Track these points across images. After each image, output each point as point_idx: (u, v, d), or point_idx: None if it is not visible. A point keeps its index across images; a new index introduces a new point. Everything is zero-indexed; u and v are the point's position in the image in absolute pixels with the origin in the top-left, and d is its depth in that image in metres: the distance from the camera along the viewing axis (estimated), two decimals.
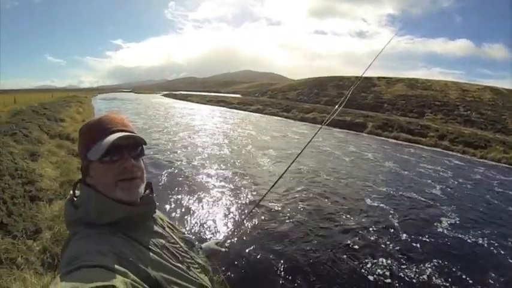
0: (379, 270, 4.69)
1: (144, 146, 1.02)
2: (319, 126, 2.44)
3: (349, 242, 5.46)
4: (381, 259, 4.96)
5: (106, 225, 0.87)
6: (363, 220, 6.42)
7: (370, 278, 4.53)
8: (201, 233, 5.63)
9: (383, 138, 19.55)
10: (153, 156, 11.23)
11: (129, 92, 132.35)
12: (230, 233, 2.14)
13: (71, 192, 0.97)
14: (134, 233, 0.90)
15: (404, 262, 4.95)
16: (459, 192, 9.02)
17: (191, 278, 0.98)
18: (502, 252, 5.58)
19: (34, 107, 18.20)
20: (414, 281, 4.52)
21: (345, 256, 5.02)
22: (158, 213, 1.12)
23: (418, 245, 5.52)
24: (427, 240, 5.74)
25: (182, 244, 1.09)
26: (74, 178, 6.38)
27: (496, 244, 5.83)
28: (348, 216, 6.58)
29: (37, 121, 12.46)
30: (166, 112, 31.99)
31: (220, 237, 5.56)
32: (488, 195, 8.93)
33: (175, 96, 68.74)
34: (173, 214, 6.33)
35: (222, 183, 8.48)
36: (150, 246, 0.91)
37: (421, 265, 4.89)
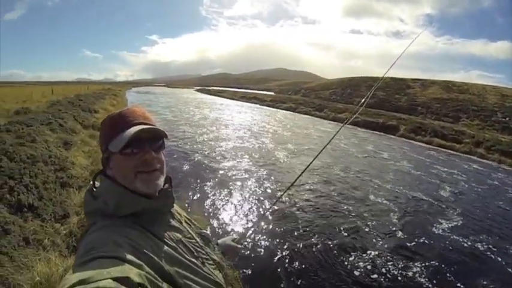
0: (383, 270, 4.65)
1: (165, 139, 1.03)
2: (348, 126, 2.42)
3: (367, 246, 5.37)
4: (383, 258, 4.89)
5: (123, 217, 0.88)
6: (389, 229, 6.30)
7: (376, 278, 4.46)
8: (217, 227, 5.73)
9: (415, 142, 18.78)
10: (178, 146, 11.94)
11: (163, 86, 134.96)
12: (247, 229, 2.14)
13: (91, 183, 0.98)
14: (151, 226, 0.91)
15: (403, 262, 4.92)
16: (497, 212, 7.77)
17: (205, 274, 0.98)
18: (499, 259, 5.42)
19: (70, 99, 18.93)
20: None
21: (350, 256, 4.97)
22: (176, 208, 1.13)
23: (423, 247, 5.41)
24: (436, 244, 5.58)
25: (198, 239, 1.09)
26: None
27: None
28: (367, 220, 6.45)
29: (72, 112, 13.05)
30: (197, 106, 32.66)
31: (238, 229, 5.66)
32: None
33: (208, 92, 69.83)
34: (190, 201, 6.63)
35: (241, 176, 8.68)
36: (166, 240, 0.91)
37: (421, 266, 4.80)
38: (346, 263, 4.85)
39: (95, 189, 0.96)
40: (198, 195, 7.08)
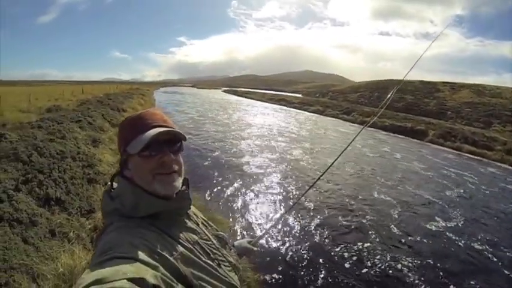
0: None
1: (183, 142, 1.04)
2: (373, 129, 2.37)
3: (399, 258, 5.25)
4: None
5: (140, 218, 0.89)
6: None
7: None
8: (233, 225, 5.79)
9: (444, 148, 18.03)
10: (199, 143, 12.56)
11: (191, 86, 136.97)
12: (264, 231, 2.15)
13: (109, 183, 1.00)
14: (167, 228, 0.91)
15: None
16: None
17: (220, 276, 0.97)
18: (495, 259, 5.39)
19: (99, 97, 19.54)
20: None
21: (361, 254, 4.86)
22: (193, 209, 1.13)
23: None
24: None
25: (215, 241, 1.09)
26: None
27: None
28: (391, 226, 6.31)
29: (101, 110, 13.50)
30: (222, 106, 33.22)
31: (255, 228, 5.70)
32: None
33: (235, 93, 70.60)
34: (209, 195, 6.96)
35: (259, 173, 8.94)
36: (182, 242, 0.91)
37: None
38: (353, 265, 4.78)
39: (112, 190, 0.97)
40: (216, 190, 7.37)
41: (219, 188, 7.53)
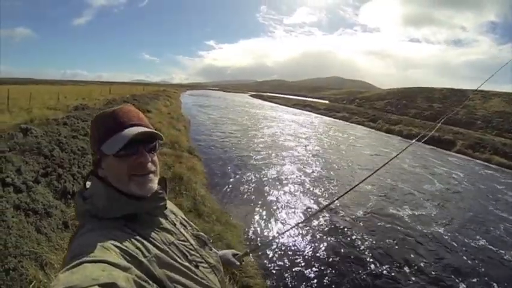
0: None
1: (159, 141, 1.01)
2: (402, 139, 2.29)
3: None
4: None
5: (113, 219, 0.86)
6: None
7: None
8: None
9: (472, 159, 17.29)
10: (217, 141, 13.58)
11: (217, 90, 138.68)
12: (253, 247, 2.07)
13: (82, 183, 0.98)
14: (141, 229, 0.89)
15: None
16: None
17: (198, 278, 0.94)
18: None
19: (126, 98, 20.00)
20: None
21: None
22: (172, 209, 1.11)
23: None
24: None
25: (193, 242, 1.06)
26: None
27: None
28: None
29: None
30: (244, 110, 33.92)
31: (261, 234, 5.64)
32: None
33: (261, 97, 71.36)
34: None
35: (274, 176, 9.17)
36: (156, 243, 0.89)
37: None
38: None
39: (86, 190, 0.94)
40: (229, 186, 7.78)
41: (230, 181, 8.09)
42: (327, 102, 60.26)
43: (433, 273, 4.94)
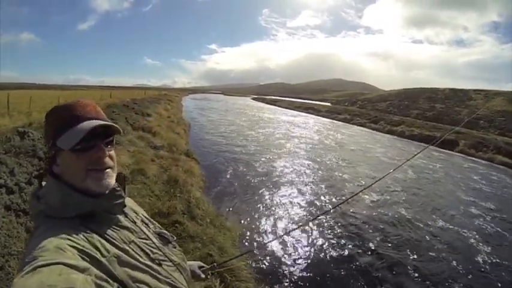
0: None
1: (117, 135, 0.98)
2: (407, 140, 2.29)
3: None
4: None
5: (69, 219, 0.83)
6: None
7: None
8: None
9: (475, 159, 17.24)
10: (216, 144, 13.85)
11: (219, 93, 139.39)
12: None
13: (38, 182, 0.93)
14: (99, 227, 0.86)
15: None
16: None
17: (161, 277, 0.92)
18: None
19: (126, 102, 20.03)
20: None
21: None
22: (132, 206, 1.09)
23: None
24: None
25: (155, 240, 1.03)
26: (144, 167, 6.99)
27: None
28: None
29: (125, 114, 14.00)
30: (244, 112, 34.42)
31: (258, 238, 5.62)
32: None
33: (263, 100, 71.56)
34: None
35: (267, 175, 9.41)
36: (115, 242, 0.86)
37: None
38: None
39: (40, 190, 0.91)
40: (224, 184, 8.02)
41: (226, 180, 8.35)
42: (329, 104, 60.37)
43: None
